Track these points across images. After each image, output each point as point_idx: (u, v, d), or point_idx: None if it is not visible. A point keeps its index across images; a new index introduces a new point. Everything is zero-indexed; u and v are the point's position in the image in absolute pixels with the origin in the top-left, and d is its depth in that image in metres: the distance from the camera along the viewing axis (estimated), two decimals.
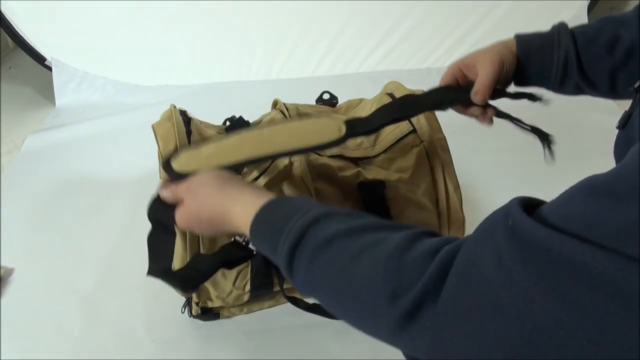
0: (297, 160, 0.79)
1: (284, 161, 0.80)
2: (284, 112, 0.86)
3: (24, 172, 1.27)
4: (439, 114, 0.91)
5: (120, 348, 0.82)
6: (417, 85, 0.98)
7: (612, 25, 0.61)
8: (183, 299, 0.83)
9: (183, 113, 0.86)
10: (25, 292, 0.93)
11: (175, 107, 0.84)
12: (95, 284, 0.94)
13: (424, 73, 1.61)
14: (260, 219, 0.44)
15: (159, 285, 0.89)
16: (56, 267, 0.98)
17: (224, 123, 0.95)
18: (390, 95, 0.91)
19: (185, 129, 0.80)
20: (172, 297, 0.84)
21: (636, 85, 0.53)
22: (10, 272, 0.97)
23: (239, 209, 0.47)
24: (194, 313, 0.82)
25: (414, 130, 0.85)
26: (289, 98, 0.93)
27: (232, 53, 1.66)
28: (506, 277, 0.27)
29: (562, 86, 0.66)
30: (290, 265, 0.40)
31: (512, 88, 0.69)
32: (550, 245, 0.25)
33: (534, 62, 0.65)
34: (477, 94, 0.65)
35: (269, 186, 0.77)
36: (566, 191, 0.29)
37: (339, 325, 0.83)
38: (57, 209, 1.13)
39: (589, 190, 0.26)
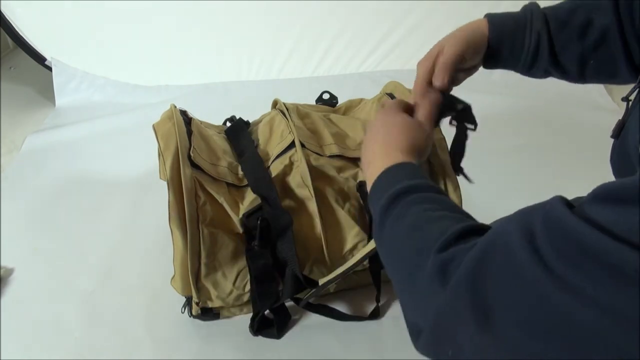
0: (298, 160, 0.79)
1: (284, 161, 0.80)
2: (284, 112, 0.86)
3: (24, 172, 1.27)
4: None
5: (120, 348, 0.82)
6: None
7: (585, 8, 0.60)
8: (183, 299, 0.83)
9: (183, 113, 0.86)
10: (25, 292, 0.93)
11: (175, 107, 0.84)
12: (95, 284, 0.94)
13: None
14: (381, 178, 0.51)
15: (159, 285, 0.89)
16: (56, 267, 0.98)
17: (224, 123, 0.95)
18: (390, 95, 0.91)
19: (185, 129, 0.80)
20: (172, 297, 0.84)
21: (627, 95, 0.53)
22: (10, 272, 0.97)
23: (379, 164, 0.53)
24: (194, 313, 0.82)
25: None
26: (289, 98, 0.93)
27: (232, 53, 1.66)
28: (533, 253, 0.27)
29: (530, 69, 0.64)
30: (385, 213, 0.45)
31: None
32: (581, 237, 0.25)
33: (506, 46, 0.63)
34: (436, 77, 0.63)
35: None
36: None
37: (339, 325, 0.83)
38: (57, 209, 1.13)
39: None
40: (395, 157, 0.53)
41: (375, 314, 0.84)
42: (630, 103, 0.51)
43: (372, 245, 0.74)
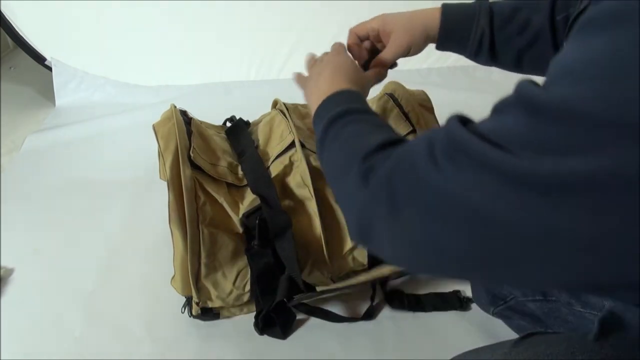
0: (298, 160, 0.79)
1: (284, 161, 0.80)
2: (284, 112, 0.86)
3: (24, 172, 1.27)
4: (440, 113, 0.92)
5: (120, 348, 0.82)
6: (417, 85, 0.98)
7: (527, 8, 0.66)
8: (183, 299, 0.83)
9: (183, 113, 0.86)
10: (25, 292, 0.93)
11: (175, 107, 0.84)
12: (95, 284, 0.94)
13: (424, 73, 1.61)
14: (325, 102, 0.56)
15: (159, 285, 0.89)
16: (56, 267, 0.98)
17: (224, 123, 0.95)
18: (390, 95, 0.91)
19: (185, 129, 0.80)
20: (172, 297, 0.84)
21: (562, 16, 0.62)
22: (10, 272, 0.97)
23: (326, 89, 0.58)
24: (194, 313, 0.82)
25: (413, 130, 0.85)
26: (289, 98, 0.94)
27: (232, 53, 1.66)
28: (430, 158, 0.34)
29: (476, 57, 0.71)
30: (325, 132, 0.52)
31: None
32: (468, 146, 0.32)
33: (454, 37, 0.70)
34: (374, 70, 0.72)
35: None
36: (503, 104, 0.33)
37: (339, 326, 0.83)
38: (57, 209, 1.13)
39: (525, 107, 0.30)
40: (340, 85, 0.58)
41: (370, 314, 0.84)
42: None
43: (382, 274, 0.75)
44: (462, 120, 0.34)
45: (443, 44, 0.71)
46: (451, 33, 0.70)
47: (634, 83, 0.25)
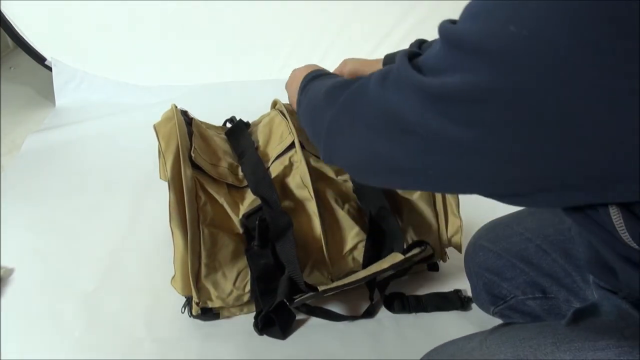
0: (297, 161, 0.79)
1: (284, 162, 0.80)
2: (284, 113, 0.86)
3: (24, 172, 1.27)
4: None
5: (120, 348, 0.82)
6: None
7: None
8: (183, 299, 0.83)
9: (184, 113, 0.86)
10: (25, 292, 0.93)
11: (176, 107, 0.84)
12: (95, 284, 0.94)
13: None
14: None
15: (159, 285, 0.89)
16: (56, 267, 0.98)
17: (224, 124, 0.95)
18: None
19: (186, 129, 0.80)
20: (172, 297, 0.84)
21: None
22: (10, 272, 0.97)
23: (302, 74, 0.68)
24: (194, 313, 0.82)
25: None
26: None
27: (232, 53, 1.66)
28: (380, 85, 0.40)
29: None
30: (301, 92, 0.63)
31: None
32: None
33: None
34: None
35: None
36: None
37: (339, 326, 0.83)
38: (57, 209, 1.13)
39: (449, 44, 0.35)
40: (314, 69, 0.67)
41: (370, 313, 0.84)
42: None
43: (379, 265, 0.75)
44: (410, 54, 0.40)
45: None
46: None
47: (497, 18, 0.30)
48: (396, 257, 0.76)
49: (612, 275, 0.47)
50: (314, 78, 0.63)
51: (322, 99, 0.53)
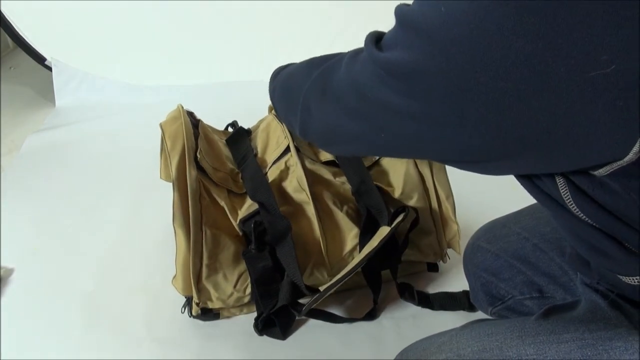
0: (293, 165, 0.80)
1: (280, 166, 0.80)
2: (279, 117, 0.86)
3: (24, 172, 1.27)
4: None
5: (120, 348, 0.82)
6: None
7: None
8: (183, 299, 0.83)
9: (190, 114, 0.86)
10: (25, 292, 0.93)
11: (183, 107, 0.84)
12: (95, 284, 0.94)
13: None
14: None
15: (159, 285, 0.89)
16: (56, 267, 0.98)
17: (226, 128, 0.96)
18: None
19: (192, 131, 0.80)
20: (172, 297, 0.84)
21: None
22: (10, 272, 0.97)
23: None
24: (194, 313, 0.82)
25: None
26: None
27: (232, 53, 1.66)
28: (351, 63, 0.44)
29: None
30: (273, 79, 0.66)
31: None
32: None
33: None
34: None
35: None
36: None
37: (340, 326, 0.83)
38: (57, 209, 1.13)
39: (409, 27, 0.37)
40: None
41: (373, 315, 0.84)
42: None
43: (371, 247, 0.74)
44: (379, 34, 0.42)
45: None
46: None
47: (436, 4, 0.33)
48: (383, 231, 0.74)
49: (587, 266, 0.49)
50: (282, 68, 0.67)
51: (300, 73, 0.57)
